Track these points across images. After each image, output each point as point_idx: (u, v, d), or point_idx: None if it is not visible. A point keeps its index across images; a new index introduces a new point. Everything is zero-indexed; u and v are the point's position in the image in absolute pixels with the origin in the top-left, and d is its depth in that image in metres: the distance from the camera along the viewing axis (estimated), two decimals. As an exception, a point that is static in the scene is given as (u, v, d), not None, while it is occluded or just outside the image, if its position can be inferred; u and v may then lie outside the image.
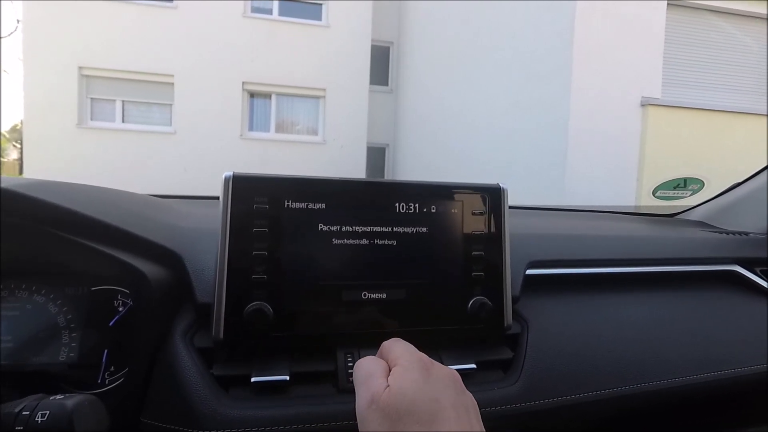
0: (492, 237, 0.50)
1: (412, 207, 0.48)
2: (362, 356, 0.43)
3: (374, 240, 0.46)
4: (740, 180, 0.92)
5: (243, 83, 7.25)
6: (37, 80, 6.58)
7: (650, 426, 0.59)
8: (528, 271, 0.58)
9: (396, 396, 0.30)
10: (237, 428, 0.39)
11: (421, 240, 0.47)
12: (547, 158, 4.09)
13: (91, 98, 6.94)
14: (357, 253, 0.46)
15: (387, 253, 0.46)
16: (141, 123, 7.13)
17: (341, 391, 0.43)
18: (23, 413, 0.31)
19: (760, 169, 0.88)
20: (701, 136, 3.91)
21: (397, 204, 0.47)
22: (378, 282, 0.46)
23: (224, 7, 7.04)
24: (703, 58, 4.22)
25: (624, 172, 3.88)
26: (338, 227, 0.45)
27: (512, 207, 0.53)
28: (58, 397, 0.33)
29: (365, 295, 0.45)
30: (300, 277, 0.44)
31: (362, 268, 0.46)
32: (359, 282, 0.46)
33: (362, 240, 0.46)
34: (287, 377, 0.42)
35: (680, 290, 0.68)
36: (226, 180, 0.44)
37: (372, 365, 0.34)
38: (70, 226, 0.43)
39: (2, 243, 0.42)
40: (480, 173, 5.02)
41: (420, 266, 0.47)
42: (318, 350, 0.45)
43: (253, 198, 0.44)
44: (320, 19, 7.61)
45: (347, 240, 0.45)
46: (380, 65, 8.24)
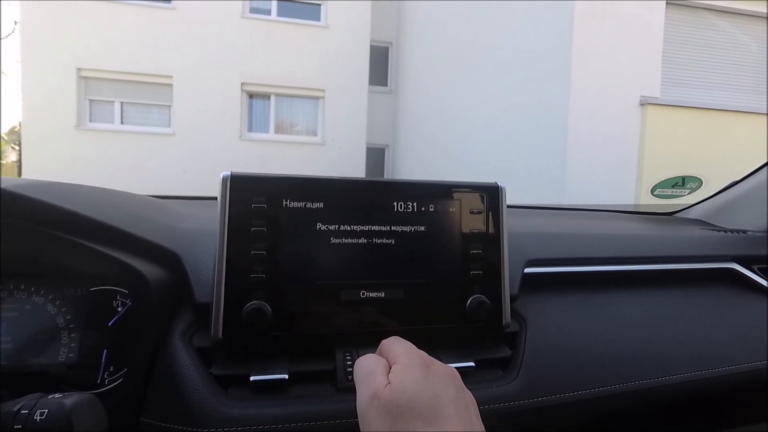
0: (490, 236, 0.50)
1: (411, 206, 0.48)
2: (361, 355, 0.43)
3: (373, 239, 0.46)
4: (739, 178, 0.93)
5: (242, 84, 7.25)
6: (36, 82, 6.58)
7: (648, 424, 0.60)
8: (526, 270, 0.58)
9: (397, 393, 0.31)
10: (236, 427, 0.39)
11: (420, 239, 0.48)
12: (547, 158, 4.09)
13: (90, 100, 6.94)
14: (355, 253, 0.46)
15: (385, 253, 0.47)
16: (140, 124, 7.13)
17: (340, 390, 0.43)
18: (22, 412, 0.31)
19: (759, 167, 0.88)
20: (700, 135, 3.91)
21: (396, 203, 0.47)
22: (376, 281, 0.46)
23: (223, 8, 7.03)
24: (703, 57, 4.23)
25: (623, 172, 3.88)
26: (336, 226, 0.45)
27: (510, 206, 0.53)
28: (57, 396, 0.33)
29: (364, 295, 0.46)
30: (299, 277, 0.44)
31: (361, 268, 0.46)
32: (358, 281, 0.46)
33: (361, 239, 0.46)
34: (286, 376, 0.42)
35: (678, 288, 0.68)
36: (224, 180, 0.44)
37: (372, 363, 0.35)
38: (70, 227, 0.43)
39: (2, 244, 0.42)
40: (479, 174, 5.02)
41: (418, 265, 0.47)
42: (317, 349, 0.45)
43: (251, 197, 0.44)
44: (319, 20, 7.60)
45: (346, 239, 0.45)
46: (379, 65, 8.24)
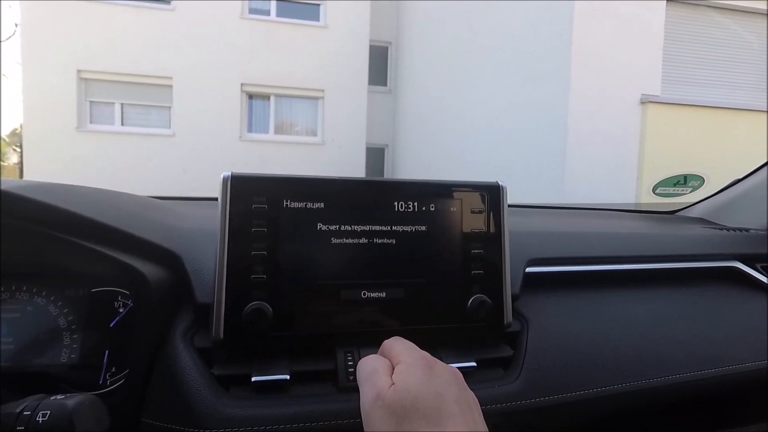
0: (491, 235, 0.50)
1: (411, 206, 0.48)
2: (362, 355, 0.43)
3: (373, 239, 0.46)
4: (740, 176, 0.92)
5: (241, 84, 7.26)
6: (36, 84, 6.59)
7: (650, 423, 0.59)
8: (527, 269, 0.58)
9: (401, 393, 0.31)
10: (238, 427, 0.39)
11: (420, 239, 0.47)
12: (547, 158, 4.09)
13: (90, 101, 6.95)
14: (356, 253, 0.46)
15: (386, 252, 0.46)
16: (140, 125, 7.14)
17: (341, 390, 0.43)
18: (24, 413, 0.31)
19: (761, 166, 0.88)
20: (701, 133, 3.91)
21: (396, 203, 0.47)
22: (377, 281, 0.46)
23: (222, 9, 7.04)
24: (703, 55, 4.22)
25: (623, 172, 3.88)
26: (337, 226, 0.45)
27: (511, 205, 0.53)
28: (59, 397, 0.33)
29: (364, 294, 0.46)
30: (299, 277, 0.44)
31: (361, 268, 0.46)
32: (358, 281, 0.46)
33: (361, 239, 0.46)
34: (287, 376, 0.42)
35: (680, 287, 0.68)
36: (225, 180, 0.44)
37: (375, 363, 0.35)
38: (70, 228, 0.43)
39: (3, 245, 0.42)
40: (479, 173, 5.01)
41: (419, 265, 0.47)
42: (318, 349, 0.45)
43: (252, 198, 0.44)
44: (318, 20, 7.61)
45: (346, 239, 0.45)
46: (379, 65, 8.24)
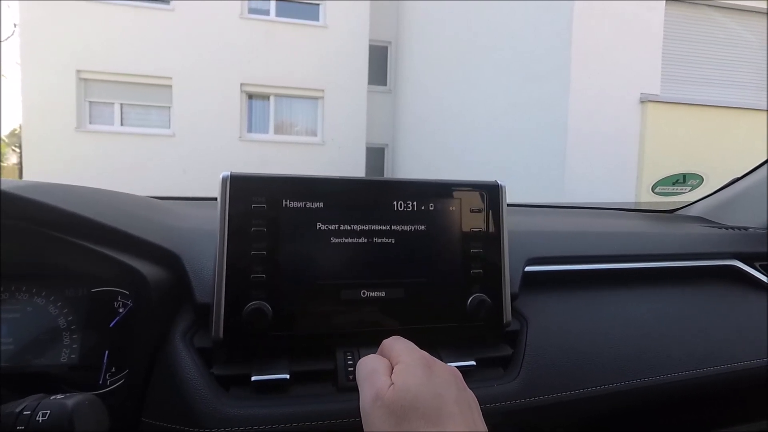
0: (490, 234, 0.50)
1: (410, 205, 0.48)
2: (362, 355, 0.43)
3: (373, 238, 0.46)
4: (740, 175, 0.92)
5: (241, 85, 7.25)
6: (36, 84, 6.59)
7: (650, 422, 0.59)
8: (527, 268, 0.58)
9: (400, 393, 0.31)
10: (237, 427, 0.39)
11: (420, 238, 0.48)
12: (547, 158, 4.09)
13: (90, 101, 6.95)
14: (355, 252, 0.46)
15: (385, 252, 0.46)
16: (139, 126, 7.13)
17: (341, 390, 0.43)
18: (24, 413, 0.32)
19: (760, 164, 0.88)
20: (701, 132, 3.91)
21: (395, 202, 0.47)
22: (377, 281, 0.46)
23: (221, 9, 7.04)
24: (703, 54, 4.22)
25: (623, 171, 3.88)
26: (336, 226, 0.45)
27: (510, 204, 0.53)
28: (59, 397, 0.33)
29: (364, 294, 0.46)
30: (299, 277, 0.44)
31: (361, 267, 0.46)
32: (358, 281, 0.46)
33: (361, 239, 0.46)
34: (287, 376, 0.42)
35: (680, 286, 0.68)
36: (224, 180, 0.44)
37: (375, 363, 0.35)
38: (70, 228, 0.43)
39: (2, 245, 0.42)
40: (479, 173, 5.01)
41: (419, 264, 0.47)
42: (317, 349, 0.45)
43: (251, 198, 0.44)
44: (318, 20, 7.61)
45: (346, 239, 0.45)
46: (378, 65, 8.24)
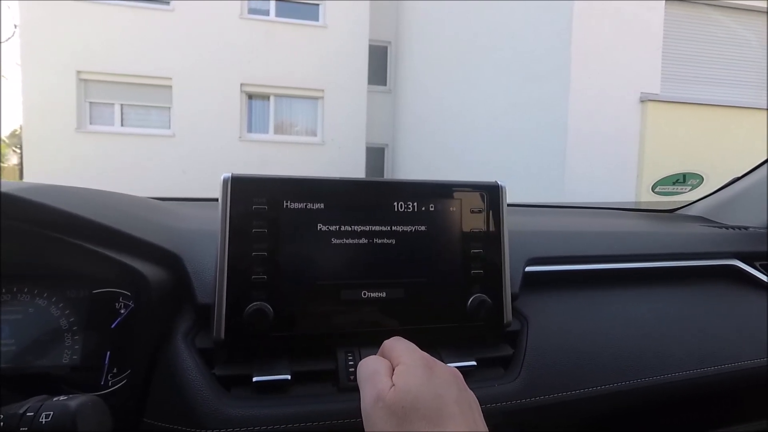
0: (491, 235, 0.50)
1: (411, 206, 0.48)
2: (362, 355, 0.43)
3: (373, 239, 0.46)
4: (740, 174, 0.92)
5: (241, 85, 7.25)
6: (36, 85, 6.59)
7: (650, 421, 0.60)
8: (527, 269, 0.58)
9: (401, 394, 0.31)
10: (239, 427, 0.39)
11: (420, 239, 0.48)
12: (547, 158, 4.09)
13: (90, 102, 6.95)
14: (356, 253, 0.46)
15: (386, 252, 0.47)
16: (140, 126, 7.14)
17: (342, 390, 0.43)
18: (27, 414, 0.32)
19: (760, 164, 0.88)
20: (701, 132, 3.91)
21: (396, 203, 0.47)
22: (377, 281, 0.46)
23: (221, 9, 7.04)
24: (703, 53, 4.22)
25: (623, 171, 3.88)
26: (337, 227, 0.45)
27: (511, 205, 0.53)
28: (62, 398, 0.33)
29: (365, 295, 0.46)
30: (300, 277, 0.44)
31: (361, 268, 0.46)
32: (359, 281, 0.46)
33: (361, 239, 0.46)
34: (288, 377, 0.42)
35: (680, 285, 0.68)
36: (225, 181, 0.44)
37: (376, 364, 0.35)
38: (71, 230, 0.43)
39: (4, 247, 0.42)
40: (479, 173, 5.02)
41: (419, 265, 0.47)
42: (318, 350, 0.45)
43: (252, 199, 0.44)
44: (318, 20, 7.61)
45: (346, 239, 0.46)
46: (378, 65, 8.24)
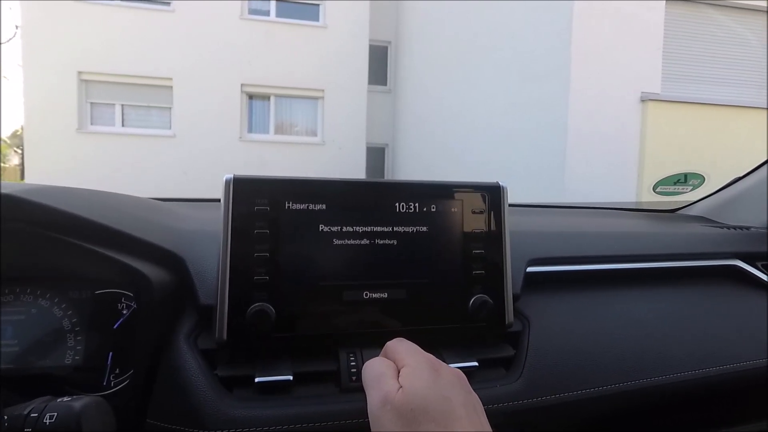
0: (492, 235, 0.50)
1: (412, 206, 0.48)
2: (364, 356, 0.43)
3: (375, 240, 0.46)
4: (741, 174, 0.92)
5: (241, 85, 7.26)
6: (37, 85, 6.60)
7: (652, 422, 0.60)
8: (529, 269, 0.58)
9: (409, 396, 0.31)
10: (241, 428, 0.39)
11: (422, 239, 0.48)
12: (547, 158, 4.09)
13: (91, 103, 6.96)
14: (358, 253, 0.46)
15: (387, 253, 0.47)
16: (140, 126, 7.15)
17: (344, 391, 0.43)
18: (32, 415, 0.32)
19: (761, 164, 0.88)
20: (702, 131, 3.91)
21: (397, 204, 0.47)
22: (379, 282, 0.46)
23: (221, 9, 7.04)
24: (703, 53, 4.22)
25: (624, 171, 3.88)
26: (339, 228, 0.45)
27: (512, 205, 0.53)
28: (66, 399, 0.34)
29: (366, 295, 0.46)
30: (301, 278, 0.44)
31: (363, 268, 0.46)
32: (360, 282, 0.46)
33: (363, 240, 0.46)
34: (290, 377, 0.42)
35: (681, 286, 0.68)
36: (227, 182, 0.44)
37: (381, 366, 0.35)
38: (73, 231, 0.43)
39: (6, 248, 0.42)
40: (479, 173, 5.01)
41: (420, 265, 0.47)
42: (320, 350, 0.46)
43: (254, 200, 0.44)
44: (318, 20, 7.61)
45: (348, 240, 0.46)
46: (378, 65, 8.24)
